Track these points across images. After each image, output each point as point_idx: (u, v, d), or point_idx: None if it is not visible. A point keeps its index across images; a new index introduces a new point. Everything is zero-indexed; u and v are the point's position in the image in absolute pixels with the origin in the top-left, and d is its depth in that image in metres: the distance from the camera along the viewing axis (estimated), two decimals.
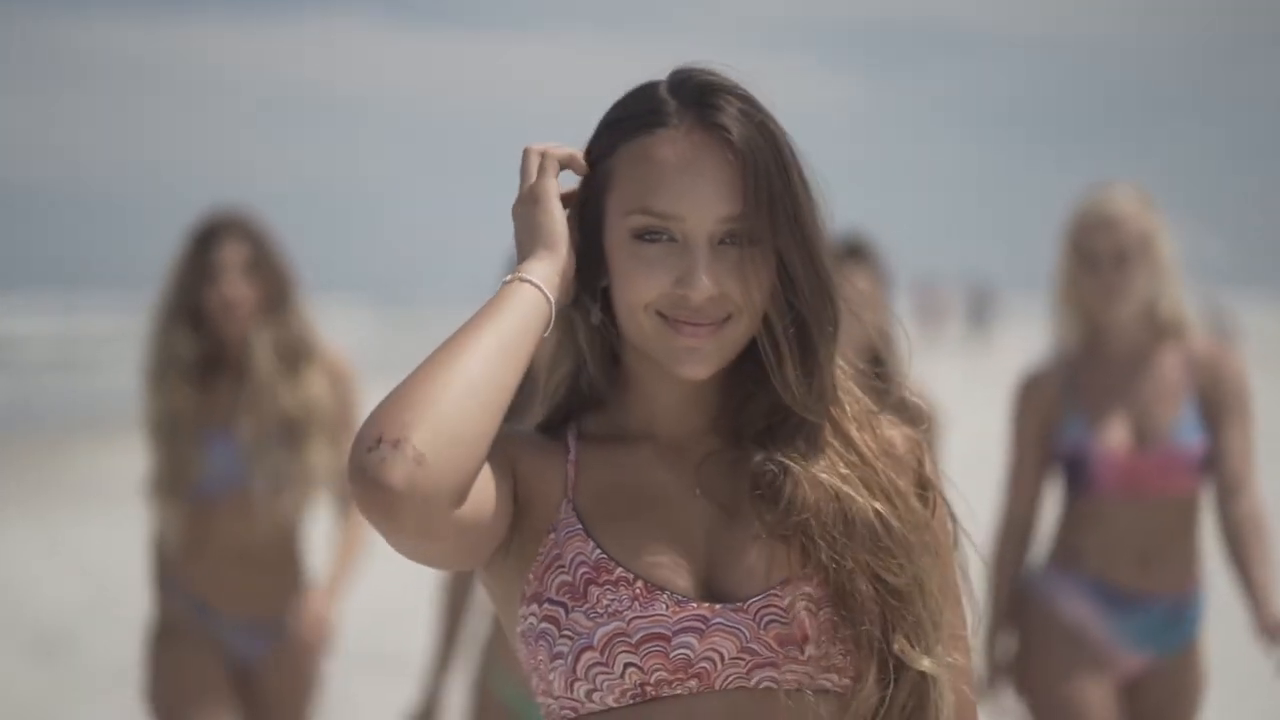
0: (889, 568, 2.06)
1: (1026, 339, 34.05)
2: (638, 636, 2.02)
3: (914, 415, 2.17)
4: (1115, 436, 4.71)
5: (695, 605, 2.04)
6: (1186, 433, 4.70)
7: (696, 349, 2.08)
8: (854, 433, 2.13)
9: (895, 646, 2.05)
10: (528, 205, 2.12)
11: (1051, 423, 4.79)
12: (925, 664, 2.06)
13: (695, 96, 2.10)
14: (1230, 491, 4.67)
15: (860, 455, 2.12)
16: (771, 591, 2.05)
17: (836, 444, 2.12)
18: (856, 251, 5.30)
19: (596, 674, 2.03)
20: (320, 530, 5.31)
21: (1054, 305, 4.90)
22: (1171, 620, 4.74)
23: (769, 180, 2.06)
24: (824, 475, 2.09)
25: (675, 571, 2.06)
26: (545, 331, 2.07)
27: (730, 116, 2.08)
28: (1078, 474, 4.76)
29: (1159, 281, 4.76)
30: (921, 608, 2.07)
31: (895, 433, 2.17)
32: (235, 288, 5.15)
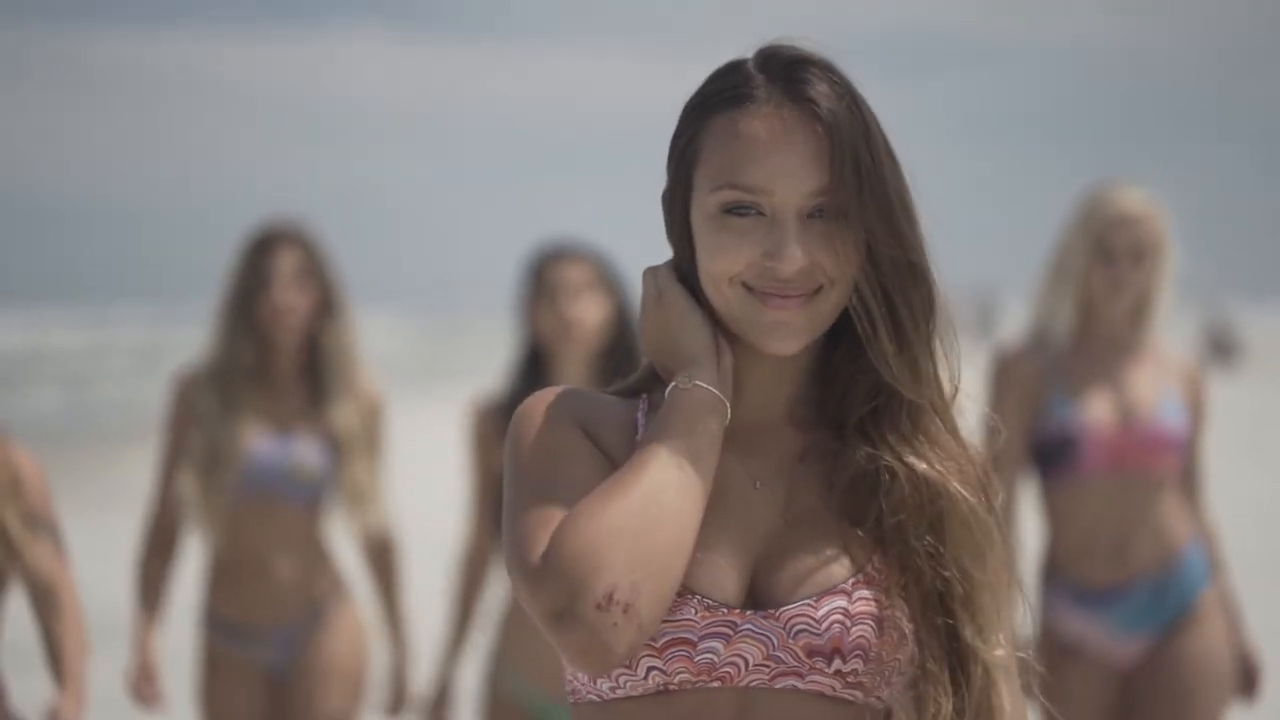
0: (977, 563, 2.05)
1: None
2: (662, 641, 2.01)
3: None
4: (1101, 413, 4.81)
5: (725, 611, 2.02)
6: (1170, 413, 4.84)
7: (786, 322, 2.05)
8: (952, 419, 2.11)
9: (970, 640, 2.04)
10: (666, 318, 2.11)
11: (1035, 403, 4.85)
12: (998, 654, 2.05)
13: (783, 71, 2.08)
14: (1193, 504, 4.91)
15: (957, 443, 2.10)
16: (807, 601, 2.03)
17: (933, 430, 2.09)
18: None
19: (619, 674, 2.03)
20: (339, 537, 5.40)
21: (1048, 289, 4.97)
22: (1157, 597, 4.82)
23: (855, 154, 2.04)
24: (923, 466, 2.06)
25: (716, 571, 2.04)
26: (726, 421, 2.06)
27: (818, 90, 2.06)
28: (1059, 456, 4.83)
29: (1160, 281, 4.88)
30: (993, 601, 2.06)
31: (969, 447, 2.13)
32: (287, 295, 5.17)
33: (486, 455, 4.90)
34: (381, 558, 5.36)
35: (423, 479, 14.47)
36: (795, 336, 2.06)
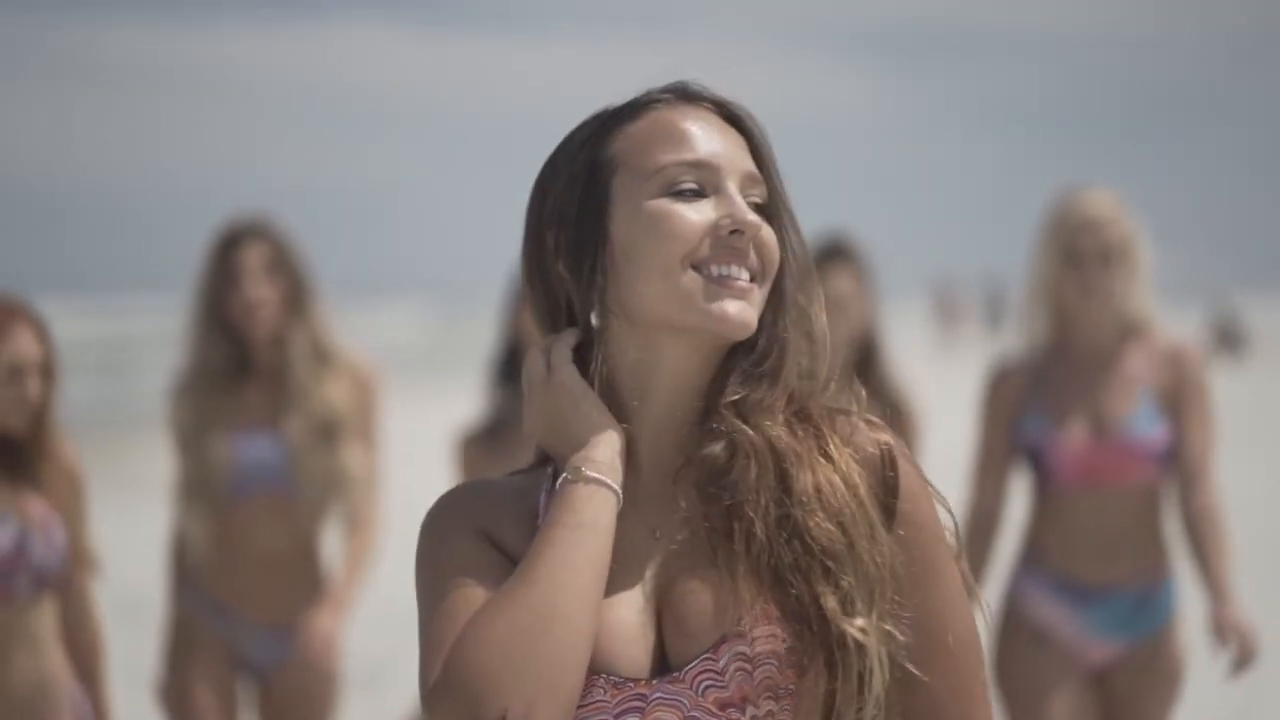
0: (821, 526, 1.98)
1: None
2: None
3: (895, 407, 2.05)
4: (1073, 431, 4.84)
5: (632, 685, 1.99)
6: (1143, 424, 4.84)
7: (741, 301, 2.00)
8: (816, 416, 2.05)
9: (825, 606, 1.96)
10: (556, 400, 2.03)
11: (1015, 416, 4.92)
12: (856, 624, 1.96)
13: (675, 88, 2.08)
14: (1188, 484, 4.83)
15: (816, 432, 2.04)
16: (706, 656, 1.98)
17: (795, 421, 2.04)
18: (840, 252, 5.47)
19: None
20: (334, 535, 5.39)
21: (1027, 301, 5.05)
22: (1138, 608, 4.87)
23: (770, 155, 2.06)
24: (775, 436, 2.01)
25: (620, 644, 2.00)
26: (618, 508, 2.00)
27: (721, 95, 2.07)
28: (1039, 467, 4.89)
29: (1133, 283, 4.91)
30: (854, 573, 1.98)
31: (867, 434, 2.06)
32: (257, 290, 5.18)
33: None
34: (352, 534, 5.25)
35: (424, 469, 14.57)
36: (750, 317, 2.01)
